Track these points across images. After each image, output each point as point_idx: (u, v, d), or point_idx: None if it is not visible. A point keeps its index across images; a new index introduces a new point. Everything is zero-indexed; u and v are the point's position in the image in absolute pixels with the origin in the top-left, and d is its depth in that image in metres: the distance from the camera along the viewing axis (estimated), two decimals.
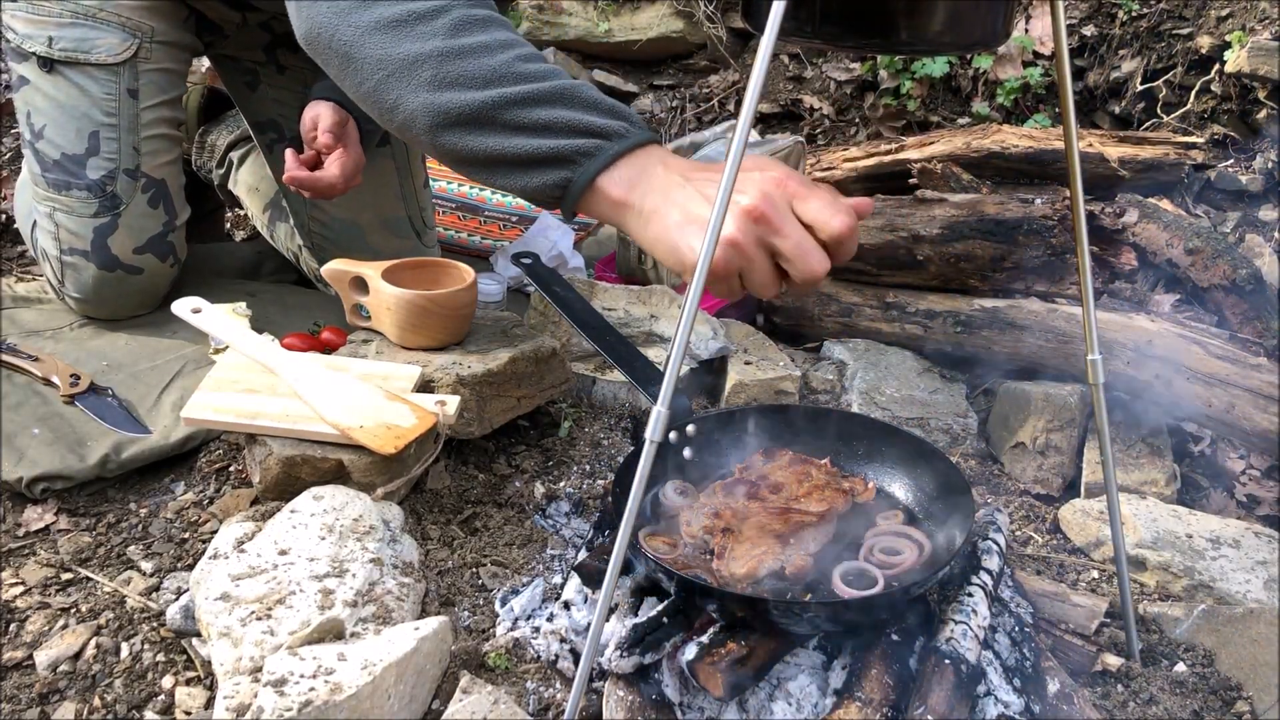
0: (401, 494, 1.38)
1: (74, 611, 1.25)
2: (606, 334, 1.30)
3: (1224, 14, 2.42)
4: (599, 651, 1.08)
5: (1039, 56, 2.71)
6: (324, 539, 1.21)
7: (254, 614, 1.10)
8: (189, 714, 1.11)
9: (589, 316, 1.35)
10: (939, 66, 2.77)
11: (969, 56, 2.73)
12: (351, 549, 1.20)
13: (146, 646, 1.20)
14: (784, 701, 1.07)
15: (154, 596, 1.27)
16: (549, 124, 1.03)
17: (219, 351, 1.67)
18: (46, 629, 1.22)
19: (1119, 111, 2.58)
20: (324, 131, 1.71)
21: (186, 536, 1.38)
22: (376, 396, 1.40)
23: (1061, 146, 1.83)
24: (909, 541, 1.22)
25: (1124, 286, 1.90)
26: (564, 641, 1.15)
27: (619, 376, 1.66)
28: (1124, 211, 1.91)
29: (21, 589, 1.29)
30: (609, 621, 1.14)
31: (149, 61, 1.76)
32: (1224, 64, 2.34)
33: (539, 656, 1.16)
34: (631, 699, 1.06)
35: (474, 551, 1.35)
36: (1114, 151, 2.06)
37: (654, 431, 0.91)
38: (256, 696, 0.98)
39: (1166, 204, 2.00)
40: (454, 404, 1.42)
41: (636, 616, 1.13)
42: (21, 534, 1.39)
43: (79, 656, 1.18)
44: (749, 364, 1.80)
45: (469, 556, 1.34)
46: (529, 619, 1.21)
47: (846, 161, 2.31)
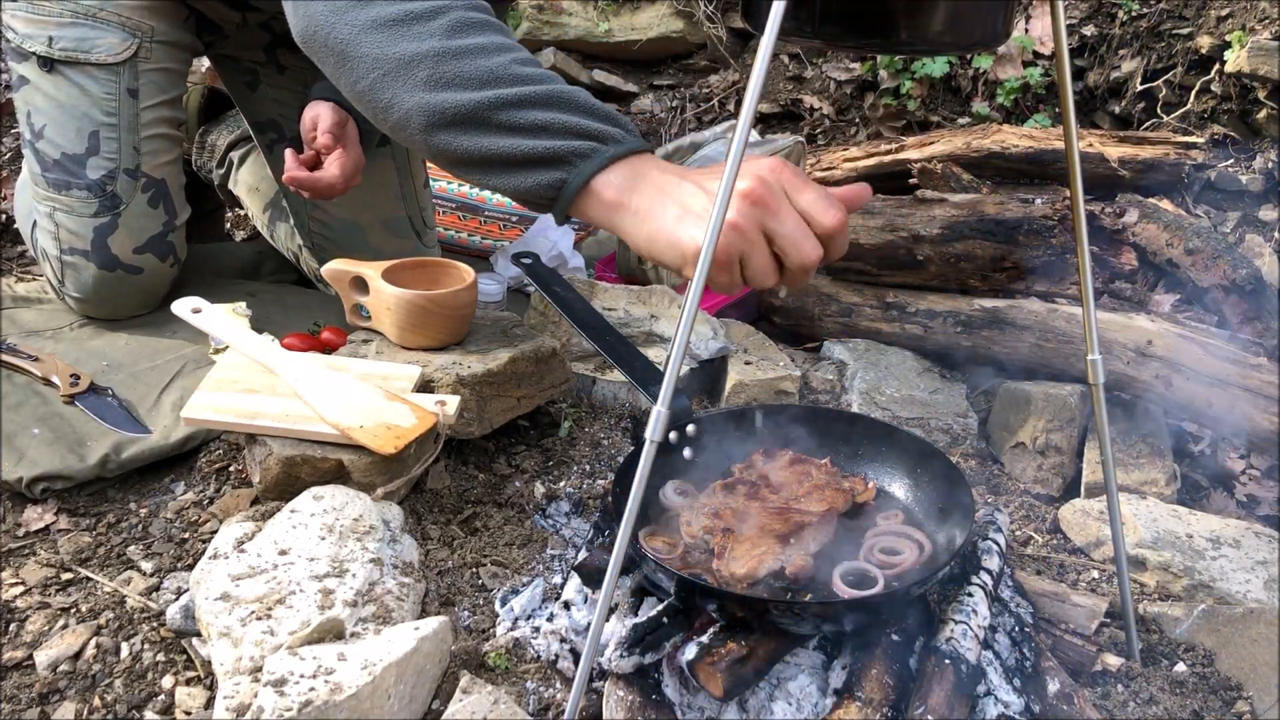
0: (401, 494, 1.38)
1: (74, 611, 1.25)
2: (606, 334, 1.30)
3: (1224, 14, 2.42)
4: (599, 651, 1.08)
5: (1039, 56, 2.71)
6: (324, 539, 1.21)
7: (254, 614, 1.10)
8: (189, 714, 1.11)
9: (589, 316, 1.35)
10: (939, 66, 2.77)
11: (969, 56, 2.73)
12: (351, 549, 1.20)
13: (146, 646, 1.20)
14: (784, 701, 1.07)
15: (154, 596, 1.27)
16: (545, 125, 1.03)
17: (219, 351, 1.67)
18: (46, 629, 1.22)
19: (1119, 111, 2.57)
20: (324, 132, 1.71)
21: (186, 536, 1.38)
22: (376, 396, 1.40)
23: (1061, 146, 1.83)
24: (909, 541, 1.22)
25: (1124, 286, 1.89)
26: (564, 641, 1.15)
27: (619, 376, 1.66)
28: (1124, 211, 1.91)
29: (21, 589, 1.29)
30: (609, 621, 1.14)
31: (149, 61, 1.76)
32: (1224, 64, 2.34)
33: (539, 656, 1.16)
34: (631, 699, 1.06)
35: (474, 551, 1.35)
36: (1114, 151, 2.06)
37: (654, 431, 0.91)
38: (256, 696, 0.98)
39: (1166, 204, 2.00)
40: (454, 404, 1.42)
41: (636, 616, 1.13)
42: (21, 534, 1.39)
43: (79, 656, 1.18)
44: (749, 364, 1.80)
45: (469, 556, 1.34)
46: (529, 619, 1.21)
47: (846, 161, 2.31)
